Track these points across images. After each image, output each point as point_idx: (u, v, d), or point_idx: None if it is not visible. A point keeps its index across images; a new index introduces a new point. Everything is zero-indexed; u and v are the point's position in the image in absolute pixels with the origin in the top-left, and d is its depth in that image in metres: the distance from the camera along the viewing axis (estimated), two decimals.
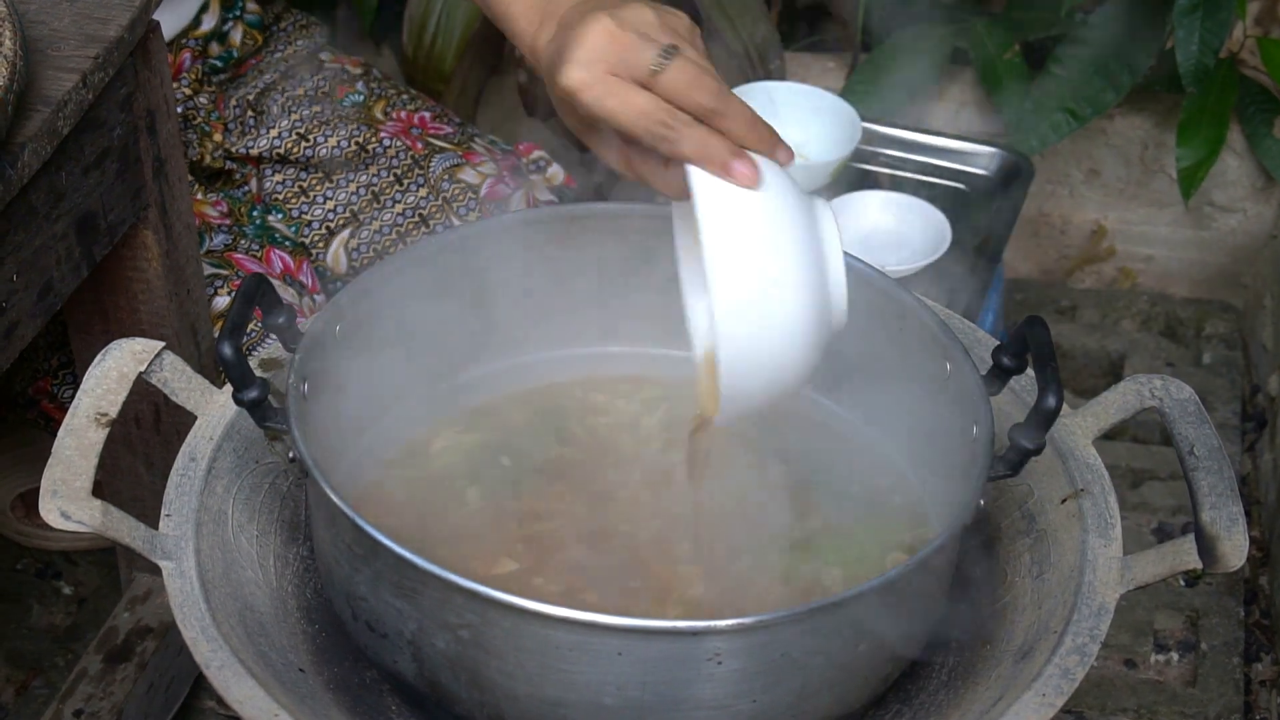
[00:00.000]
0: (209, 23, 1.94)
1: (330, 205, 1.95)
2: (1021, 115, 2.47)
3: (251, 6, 1.98)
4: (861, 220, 2.18)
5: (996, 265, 2.19)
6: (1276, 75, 2.42)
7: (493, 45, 2.55)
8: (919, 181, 2.32)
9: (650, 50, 1.18)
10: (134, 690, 1.86)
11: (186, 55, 1.91)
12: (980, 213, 2.27)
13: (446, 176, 1.94)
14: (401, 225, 1.93)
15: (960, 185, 2.32)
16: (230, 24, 1.96)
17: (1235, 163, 2.59)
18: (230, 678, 1.17)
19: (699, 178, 1.18)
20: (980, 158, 2.34)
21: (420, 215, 1.93)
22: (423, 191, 1.93)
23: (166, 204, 1.63)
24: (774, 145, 1.22)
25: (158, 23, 1.56)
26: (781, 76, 2.50)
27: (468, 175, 1.95)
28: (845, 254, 1.35)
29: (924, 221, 2.16)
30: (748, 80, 2.40)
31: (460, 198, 1.93)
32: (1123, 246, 2.73)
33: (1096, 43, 2.46)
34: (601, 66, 1.19)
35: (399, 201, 1.94)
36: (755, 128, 1.20)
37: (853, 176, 2.30)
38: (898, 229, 2.18)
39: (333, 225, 1.94)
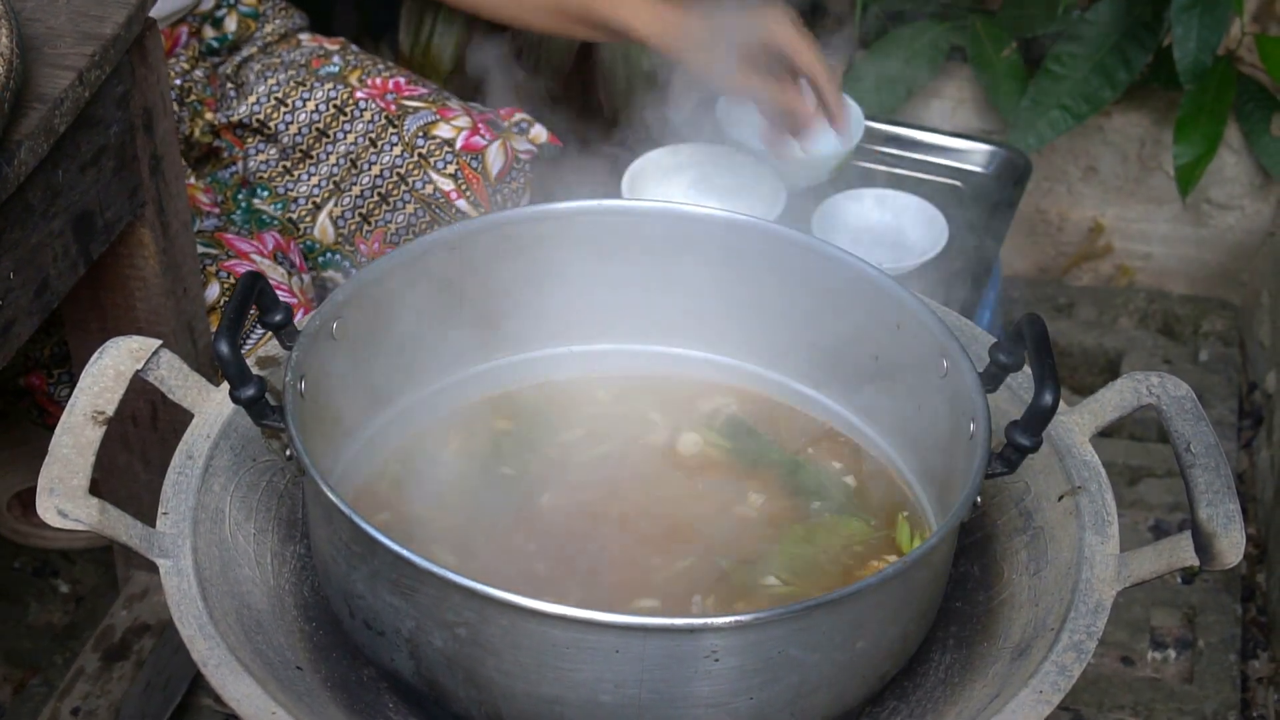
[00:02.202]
0: (208, 3, 1.98)
1: (314, 181, 1.96)
2: (1019, 113, 2.47)
3: None
4: (859, 217, 2.18)
5: (994, 262, 2.19)
6: (1274, 73, 2.42)
7: (492, 43, 2.55)
8: (916, 179, 2.32)
9: None
10: (131, 688, 1.86)
11: (184, 30, 1.94)
12: (977, 210, 2.27)
13: (421, 133, 1.95)
14: (381, 186, 1.95)
15: (957, 183, 2.32)
16: (225, 11, 2.00)
17: (1233, 160, 2.59)
18: (228, 675, 1.17)
19: None
20: (977, 155, 2.34)
21: (399, 174, 1.94)
22: (397, 150, 1.94)
23: (163, 201, 1.63)
24: None
25: (154, 20, 1.56)
26: None
27: (443, 130, 1.95)
28: (843, 250, 1.37)
29: (921, 219, 2.16)
30: None
31: (437, 153, 1.94)
32: (1120, 244, 2.73)
33: (1094, 40, 2.46)
34: None
35: (375, 163, 1.95)
36: None
37: (850, 174, 2.30)
38: (895, 226, 2.18)
39: (318, 200, 1.96)
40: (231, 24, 2.01)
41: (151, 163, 1.60)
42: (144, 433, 1.78)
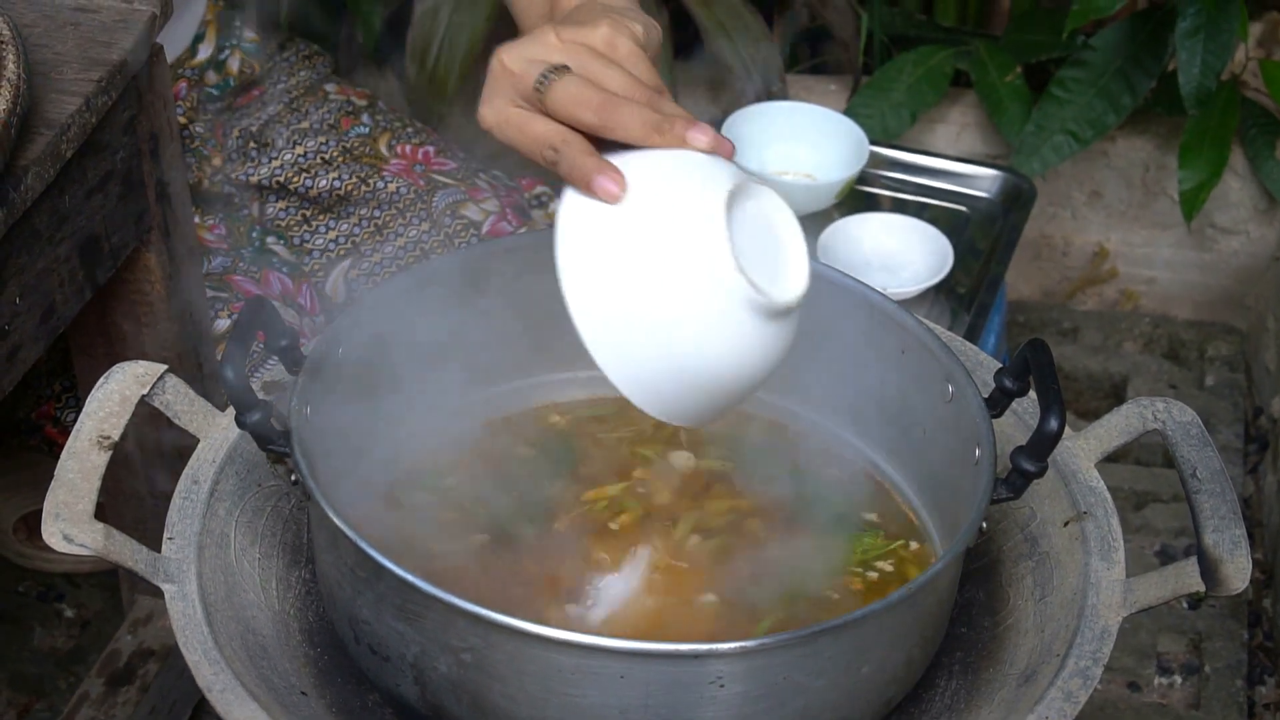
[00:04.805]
0: (205, 51, 1.93)
1: (332, 235, 1.95)
2: (1023, 137, 2.48)
3: (249, 35, 1.98)
4: (863, 242, 2.19)
5: (998, 287, 2.19)
6: (1278, 97, 2.43)
7: None
8: (920, 203, 2.32)
9: (532, 76, 1.18)
10: (136, 713, 1.86)
11: (183, 85, 1.90)
12: (982, 235, 2.27)
13: (449, 212, 1.93)
14: (403, 259, 1.93)
15: (962, 207, 2.32)
16: (227, 52, 1.95)
17: (1237, 185, 2.59)
18: (232, 701, 1.17)
19: (565, 204, 1.14)
20: (982, 180, 2.34)
21: (422, 249, 1.93)
22: (425, 226, 1.93)
23: (169, 227, 1.64)
24: (685, 137, 1.16)
25: (161, 46, 1.56)
26: (784, 98, 2.50)
27: (471, 212, 1.94)
28: (841, 273, 1.36)
29: (926, 243, 2.17)
30: (750, 102, 2.41)
31: (463, 234, 1.93)
32: (1125, 268, 2.73)
33: (1098, 65, 2.47)
34: (501, 100, 1.21)
35: (401, 235, 1.94)
36: (657, 128, 1.16)
37: (854, 198, 2.30)
38: (899, 251, 2.18)
39: (334, 255, 1.94)
40: (235, 64, 1.97)
41: (158, 188, 1.61)
42: (149, 457, 1.78)
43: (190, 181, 1.90)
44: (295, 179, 1.95)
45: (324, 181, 1.94)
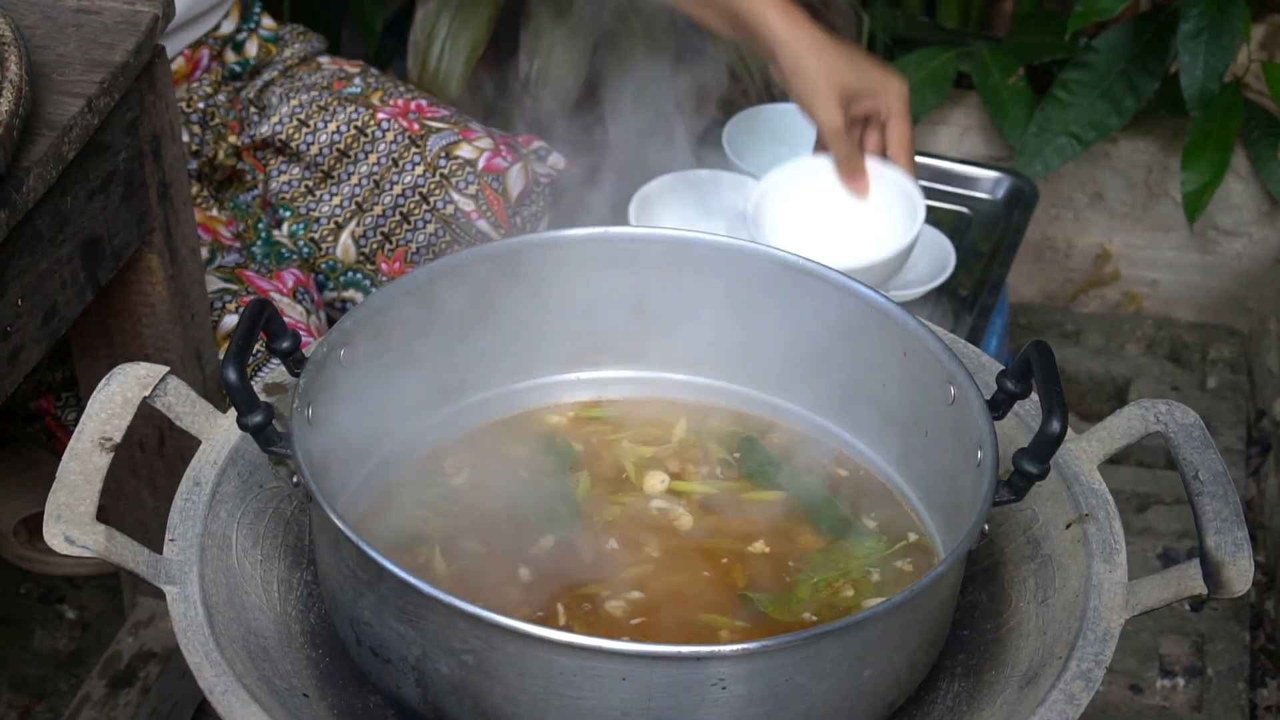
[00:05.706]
0: (228, 26, 2.00)
1: (336, 201, 1.98)
2: (1026, 139, 2.48)
3: (267, 23, 2.05)
4: None
5: (1000, 289, 2.19)
6: None
7: (499, 70, 2.56)
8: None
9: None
10: (137, 715, 1.86)
11: (205, 52, 1.96)
12: (984, 237, 2.27)
13: (443, 154, 1.96)
14: (403, 205, 1.96)
15: (964, 209, 2.32)
16: (245, 34, 2.02)
17: (1240, 187, 2.59)
18: (234, 703, 1.17)
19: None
20: (984, 182, 2.34)
21: (420, 194, 1.96)
22: (419, 170, 1.96)
23: (171, 228, 1.64)
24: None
25: (163, 48, 1.56)
26: (785, 100, 2.50)
27: (465, 151, 1.97)
28: (850, 277, 1.37)
29: (928, 246, 2.16)
30: (755, 104, 2.41)
31: (459, 173, 1.95)
32: (1127, 270, 2.73)
33: (1101, 67, 2.47)
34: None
35: (397, 183, 1.97)
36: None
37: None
38: None
39: (340, 220, 1.98)
40: (252, 48, 2.03)
41: (160, 189, 1.61)
42: (151, 459, 1.79)
43: (207, 155, 1.93)
44: (296, 135, 1.98)
45: (324, 135, 1.98)
